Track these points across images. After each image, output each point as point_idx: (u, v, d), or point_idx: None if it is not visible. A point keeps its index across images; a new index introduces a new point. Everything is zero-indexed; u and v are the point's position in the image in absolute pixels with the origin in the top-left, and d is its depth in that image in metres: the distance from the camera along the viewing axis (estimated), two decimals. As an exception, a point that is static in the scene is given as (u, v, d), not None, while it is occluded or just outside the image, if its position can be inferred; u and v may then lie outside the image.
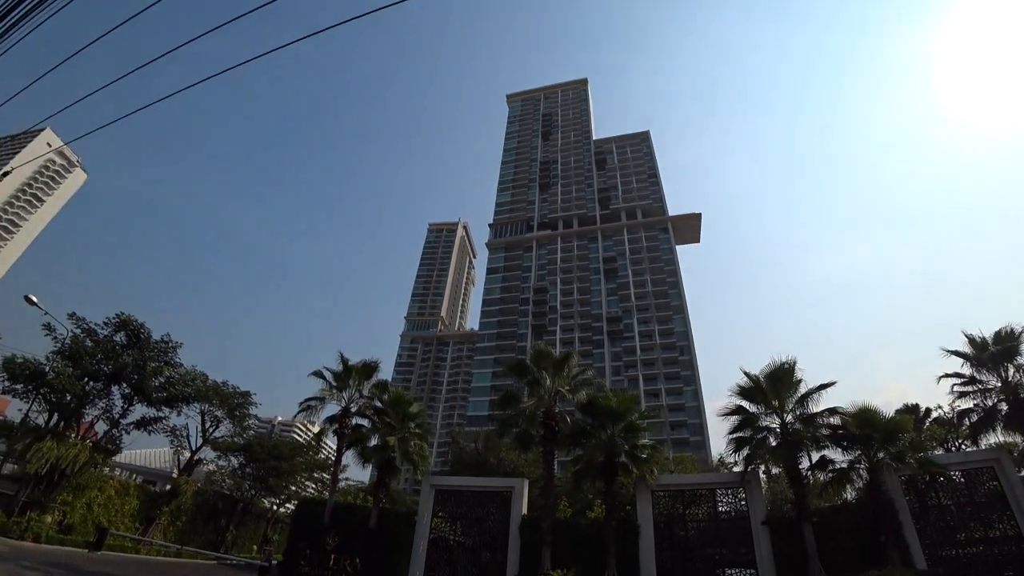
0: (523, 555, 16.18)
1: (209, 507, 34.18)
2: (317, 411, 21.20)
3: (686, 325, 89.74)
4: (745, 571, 15.20)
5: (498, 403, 19.32)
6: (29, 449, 23.05)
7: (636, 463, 16.17)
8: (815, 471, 15.97)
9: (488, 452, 37.90)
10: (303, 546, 18.33)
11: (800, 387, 15.98)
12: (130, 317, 27.45)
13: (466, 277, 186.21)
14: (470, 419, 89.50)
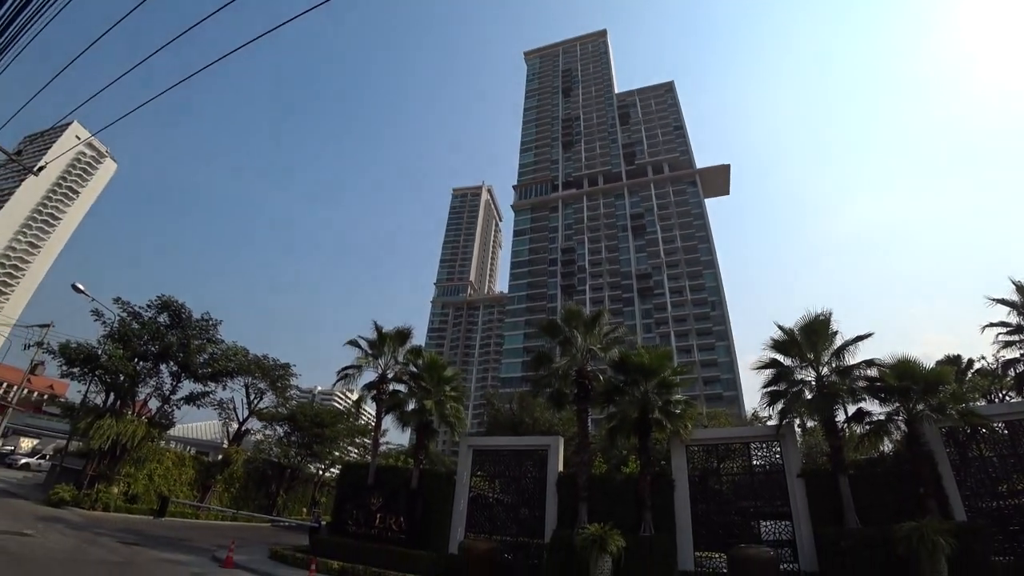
0: (560, 510, 16.54)
1: (259, 474, 36.02)
2: (355, 379, 21.67)
3: (717, 280, 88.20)
4: (780, 523, 15.21)
5: (531, 364, 19.43)
6: (91, 427, 24.54)
7: (670, 419, 16.17)
8: (851, 424, 15.63)
9: (523, 412, 38.60)
10: (349, 507, 19.10)
11: (836, 339, 15.53)
12: (171, 298, 28.49)
13: (493, 240, 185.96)
14: (504, 381, 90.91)
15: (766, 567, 12.70)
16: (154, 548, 16.27)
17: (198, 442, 44.63)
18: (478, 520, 18.05)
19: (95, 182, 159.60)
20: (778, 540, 14.88)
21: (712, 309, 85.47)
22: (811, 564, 13.92)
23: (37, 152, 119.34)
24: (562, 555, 14.36)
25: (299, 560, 16.07)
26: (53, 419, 53.72)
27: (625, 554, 13.38)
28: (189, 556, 15.90)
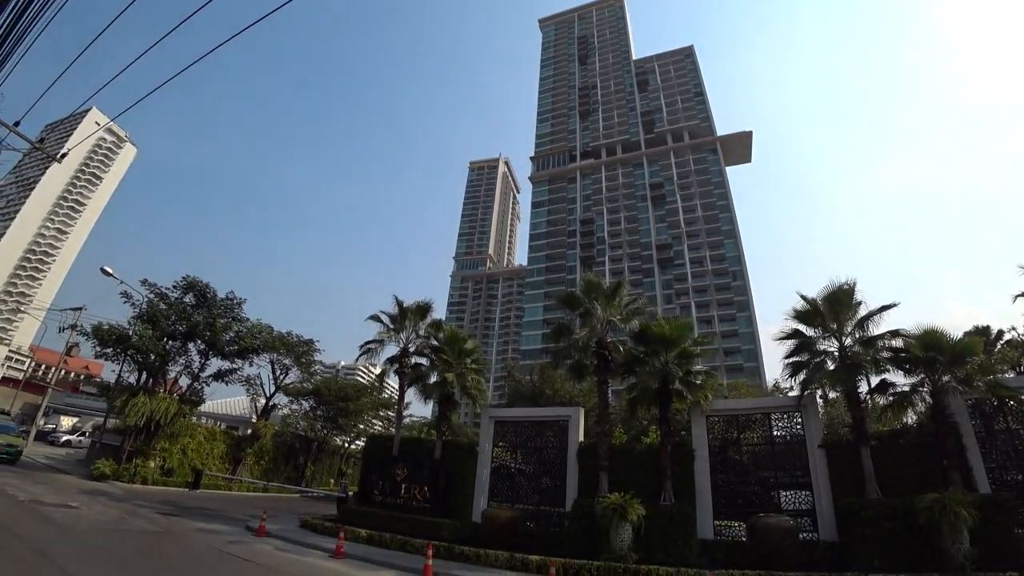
0: (581, 480, 16.73)
1: (287, 447, 37.07)
2: (377, 353, 21.96)
3: (738, 249, 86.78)
4: (800, 493, 15.19)
5: (551, 336, 19.41)
6: (126, 405, 25.39)
7: (690, 389, 16.14)
8: (874, 395, 15.36)
9: (543, 384, 38.92)
10: (375, 478, 19.59)
11: (860, 309, 15.15)
12: (196, 279, 29.04)
13: (511, 213, 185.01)
14: (524, 353, 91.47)
15: (785, 535, 12.76)
16: (191, 519, 16.95)
17: (228, 417, 46.03)
18: (500, 490, 18.40)
19: (117, 167, 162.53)
20: (798, 510, 14.89)
21: (733, 279, 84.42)
22: (831, 533, 13.95)
23: (59, 140, 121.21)
24: (583, 523, 14.58)
25: (328, 528, 16.58)
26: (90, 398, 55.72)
27: (645, 522, 13.52)
28: (224, 526, 16.53)
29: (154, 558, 10.54)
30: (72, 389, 68.10)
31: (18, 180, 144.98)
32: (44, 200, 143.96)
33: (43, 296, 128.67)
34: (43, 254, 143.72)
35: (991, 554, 11.27)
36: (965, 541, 11.12)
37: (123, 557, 10.20)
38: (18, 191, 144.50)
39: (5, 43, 9.97)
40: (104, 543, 11.15)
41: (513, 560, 13.07)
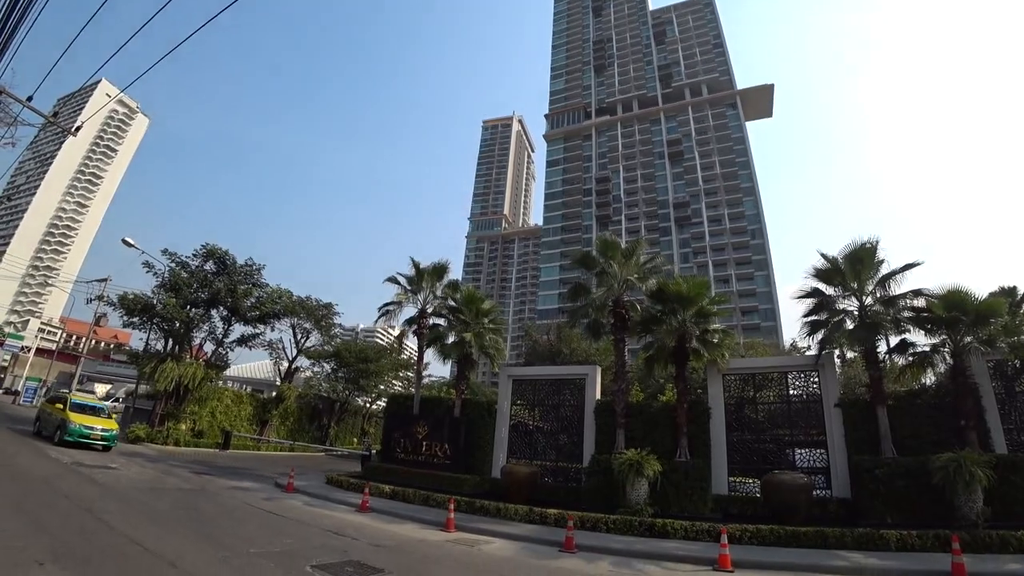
0: (598, 437, 16.99)
1: (311, 408, 38.22)
2: (395, 315, 22.21)
3: (757, 207, 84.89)
4: (815, 451, 15.28)
5: (568, 295, 19.40)
6: (155, 371, 26.30)
7: (707, 348, 16.14)
8: (893, 355, 15.19)
9: (560, 343, 39.26)
10: (397, 436, 20.14)
11: (882, 268, 14.80)
12: (215, 246, 29.44)
13: (526, 172, 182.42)
14: (541, 313, 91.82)
15: (799, 492, 12.90)
16: (222, 477, 17.69)
17: (253, 381, 47.39)
18: (519, 447, 18.82)
19: (130, 138, 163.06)
20: (812, 467, 15.00)
21: (752, 238, 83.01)
22: (844, 491, 14.09)
23: (71, 113, 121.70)
24: (600, 478, 14.91)
25: (353, 485, 17.18)
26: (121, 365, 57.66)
27: (661, 478, 13.79)
28: (254, 483, 17.23)
29: (190, 513, 11.08)
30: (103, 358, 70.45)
31: (36, 156, 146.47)
32: (62, 175, 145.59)
33: (69, 269, 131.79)
34: (66, 228, 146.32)
35: (1005, 513, 11.36)
36: (979, 500, 11.19)
37: (162, 513, 10.74)
38: (37, 167, 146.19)
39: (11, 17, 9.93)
40: (143, 500, 11.74)
41: (532, 514, 13.46)
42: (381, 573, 7.91)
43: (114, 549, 7.49)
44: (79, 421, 19.21)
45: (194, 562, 7.32)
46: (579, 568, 9.29)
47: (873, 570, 9.20)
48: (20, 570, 5.93)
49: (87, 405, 21.12)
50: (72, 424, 18.94)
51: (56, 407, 20.70)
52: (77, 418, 19.31)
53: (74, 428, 18.91)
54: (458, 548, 10.47)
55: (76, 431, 18.91)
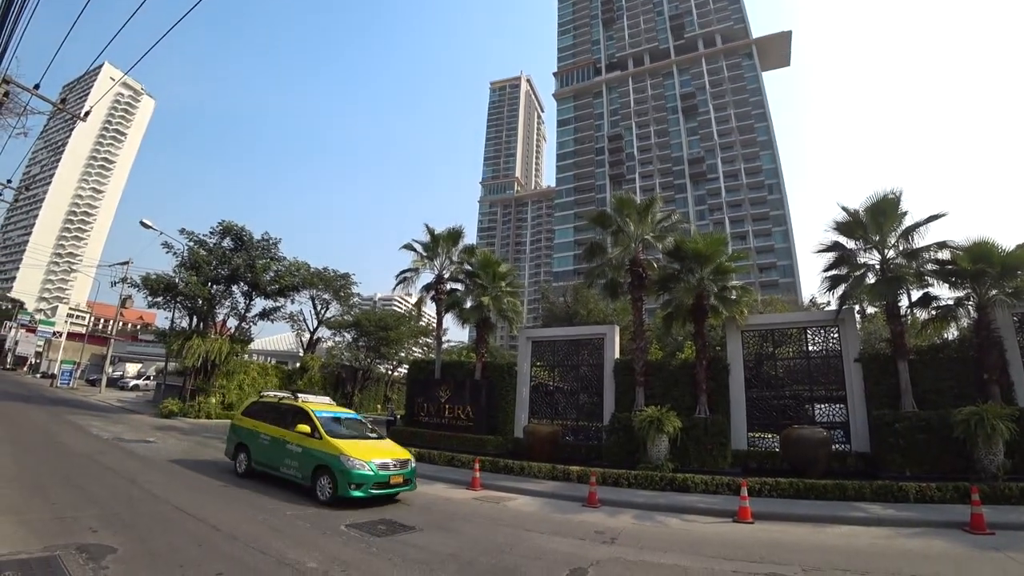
0: (617, 395, 17.22)
1: (334, 377, 39.14)
2: (412, 282, 22.36)
3: (775, 161, 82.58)
4: (834, 406, 15.29)
5: (584, 255, 19.27)
6: (182, 348, 27.08)
7: (725, 304, 16.10)
8: (915, 309, 14.91)
9: (577, 304, 39.35)
10: (420, 400, 20.58)
11: (905, 220, 14.41)
12: (231, 223, 29.69)
13: (536, 133, 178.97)
14: (556, 275, 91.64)
15: (818, 446, 12.98)
16: (254, 445, 18.33)
17: (277, 353, 48.50)
18: (540, 407, 19.15)
19: (138, 121, 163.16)
20: (831, 422, 15.07)
21: (769, 193, 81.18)
22: (863, 445, 14.16)
23: (78, 99, 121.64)
24: (621, 436, 15.17)
25: (380, 449, 17.70)
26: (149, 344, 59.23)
27: (681, 434, 13.98)
28: (285, 450, 17.84)
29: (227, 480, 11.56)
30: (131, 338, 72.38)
31: (47, 145, 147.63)
32: (75, 161, 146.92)
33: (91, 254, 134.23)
34: (84, 214, 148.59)
35: (1025, 467, 11.36)
36: (999, 453, 11.21)
37: (201, 480, 11.23)
38: (49, 155, 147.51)
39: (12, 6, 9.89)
40: (183, 470, 12.28)
41: (555, 471, 13.81)
42: (412, 530, 8.25)
43: (159, 515, 7.91)
44: (358, 455, 10.09)
45: (234, 524, 7.71)
46: (602, 521, 9.57)
47: (892, 521, 9.31)
48: (76, 537, 6.33)
49: (339, 417, 12.05)
50: (353, 464, 9.83)
51: (292, 431, 10.98)
52: (352, 449, 10.24)
53: (362, 473, 9.81)
54: (485, 505, 10.83)
55: (368, 477, 9.84)
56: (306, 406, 11.64)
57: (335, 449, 10.12)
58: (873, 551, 7.59)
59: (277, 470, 11.03)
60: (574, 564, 6.75)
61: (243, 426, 12.42)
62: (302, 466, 10.49)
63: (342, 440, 10.55)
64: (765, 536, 8.57)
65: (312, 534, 7.58)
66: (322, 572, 5.91)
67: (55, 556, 5.57)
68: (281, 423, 11.41)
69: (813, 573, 6.53)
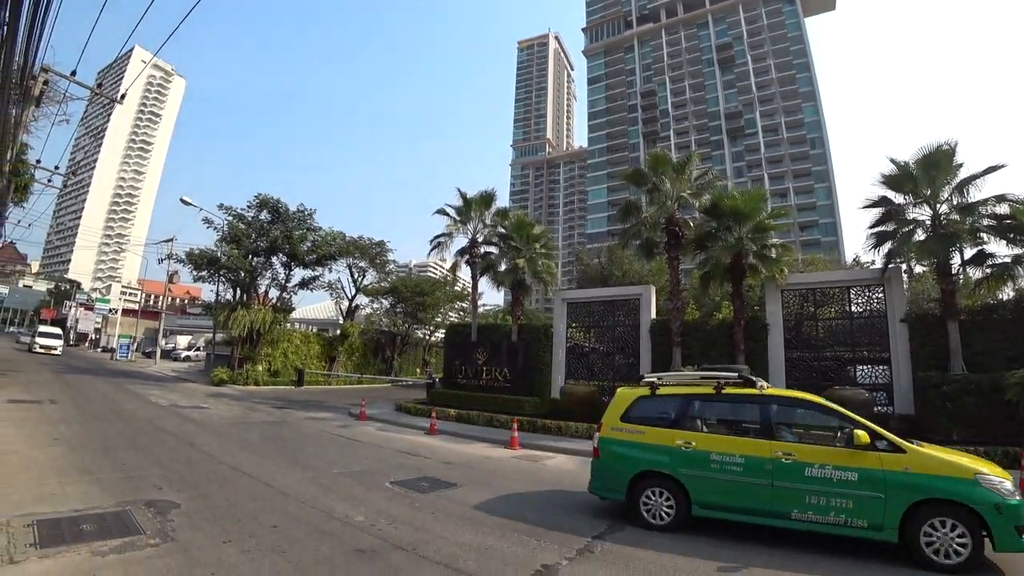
0: (654, 356, 17.13)
1: (374, 343, 40.18)
2: (447, 247, 22.65)
3: (818, 114, 78.44)
4: (876, 368, 14.80)
5: (618, 215, 18.97)
6: (228, 319, 28.14)
7: (765, 263, 15.61)
8: (968, 267, 14.09)
9: (612, 266, 39.04)
10: (457, 363, 20.99)
11: (960, 173, 13.51)
12: (267, 196, 30.34)
13: (567, 93, 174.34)
14: (590, 237, 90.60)
15: (860, 407, 12.41)
16: (300, 410, 19.13)
17: (318, 321, 49.93)
18: (575, 368, 19.24)
19: (171, 101, 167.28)
20: (873, 384, 14.64)
21: (812, 147, 77.53)
22: (907, 407, 13.74)
23: (113, 83, 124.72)
24: (658, 396, 15.14)
25: (420, 410, 18.26)
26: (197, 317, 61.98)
27: (718, 394, 13.83)
28: (330, 414, 18.56)
29: (277, 442, 12.14)
30: (180, 312, 75.77)
31: (88, 131, 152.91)
32: (116, 146, 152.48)
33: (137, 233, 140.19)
34: (128, 196, 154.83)
35: (1083, 432, 10.84)
36: None
37: (252, 442, 11.83)
38: (91, 142, 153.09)
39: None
40: (235, 433, 12.95)
41: (592, 430, 13.88)
42: (454, 487, 8.52)
43: (217, 474, 8.39)
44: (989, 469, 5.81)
45: (286, 482, 8.11)
46: (640, 478, 9.65)
47: None
48: (143, 494, 6.81)
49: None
50: (1005, 490, 5.41)
51: (817, 447, 6.41)
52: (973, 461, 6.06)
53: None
54: (523, 463, 11.07)
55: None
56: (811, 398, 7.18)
57: (954, 468, 5.61)
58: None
59: (784, 516, 6.02)
60: (612, 520, 6.87)
61: (645, 442, 7.02)
62: (867, 508, 5.67)
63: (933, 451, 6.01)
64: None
65: (359, 490, 7.90)
66: (369, 525, 6.17)
67: (126, 510, 6.02)
68: (764, 433, 6.48)
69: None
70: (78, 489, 6.78)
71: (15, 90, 11.98)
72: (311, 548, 5.26)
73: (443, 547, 5.51)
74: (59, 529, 5.25)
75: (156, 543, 5.09)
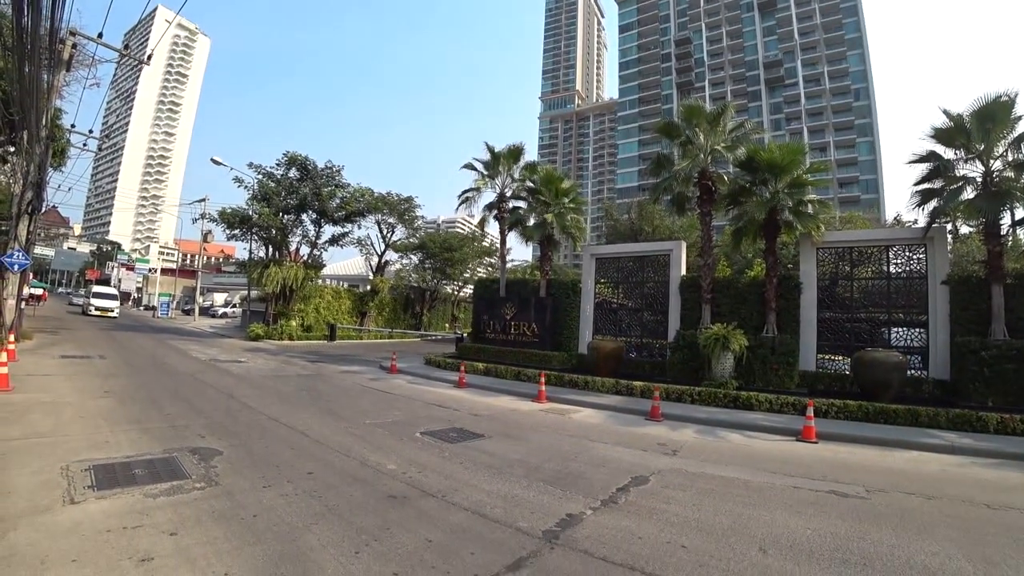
0: (683, 313, 16.98)
1: (404, 298, 40.97)
2: (475, 201, 22.48)
3: (865, 63, 73.96)
4: (912, 331, 14.37)
5: (650, 169, 18.43)
6: (262, 276, 28.84)
7: (800, 219, 15.02)
8: (1019, 228, 13.44)
9: (642, 221, 38.42)
10: (486, 318, 21.17)
11: (1018, 127, 12.61)
12: (296, 154, 30.44)
13: (597, 42, 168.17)
14: (620, 191, 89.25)
15: (892, 370, 12.29)
16: (333, 363, 19.71)
17: (348, 277, 50.89)
18: (603, 324, 19.26)
19: (197, 61, 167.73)
20: (908, 347, 14.24)
21: (856, 99, 73.54)
22: (942, 372, 13.40)
23: (139, 45, 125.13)
24: (685, 353, 15.09)
25: (449, 364, 18.62)
26: (232, 276, 63.81)
27: (747, 352, 13.71)
28: (362, 367, 19.08)
29: (312, 394, 12.58)
30: (216, 271, 77.96)
31: (119, 94, 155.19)
32: (146, 108, 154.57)
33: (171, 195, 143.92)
34: (160, 157, 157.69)
35: None
36: None
37: (288, 394, 12.29)
38: (122, 105, 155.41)
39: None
40: (272, 386, 13.46)
41: (619, 386, 14.03)
42: (482, 438, 8.74)
43: (256, 424, 8.78)
44: None
45: (321, 432, 8.44)
46: (664, 434, 9.75)
47: (967, 450, 8.87)
48: (188, 442, 7.21)
49: None
50: None
51: None
52: None
53: None
54: (550, 416, 11.26)
55: None
56: None
57: None
58: (944, 477, 7.35)
59: None
60: (636, 472, 6.96)
61: None
62: None
63: None
64: (829, 455, 8.46)
65: (390, 440, 8.18)
66: (400, 472, 6.40)
67: (173, 457, 6.41)
68: None
69: (877, 494, 6.38)
70: (128, 437, 7.20)
71: (45, 55, 12.13)
72: (345, 493, 5.51)
73: (471, 495, 5.70)
74: (113, 473, 5.61)
75: (202, 487, 5.42)
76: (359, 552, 4.12)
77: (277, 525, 4.56)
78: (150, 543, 4.02)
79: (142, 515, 4.56)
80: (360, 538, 4.39)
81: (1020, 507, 6.11)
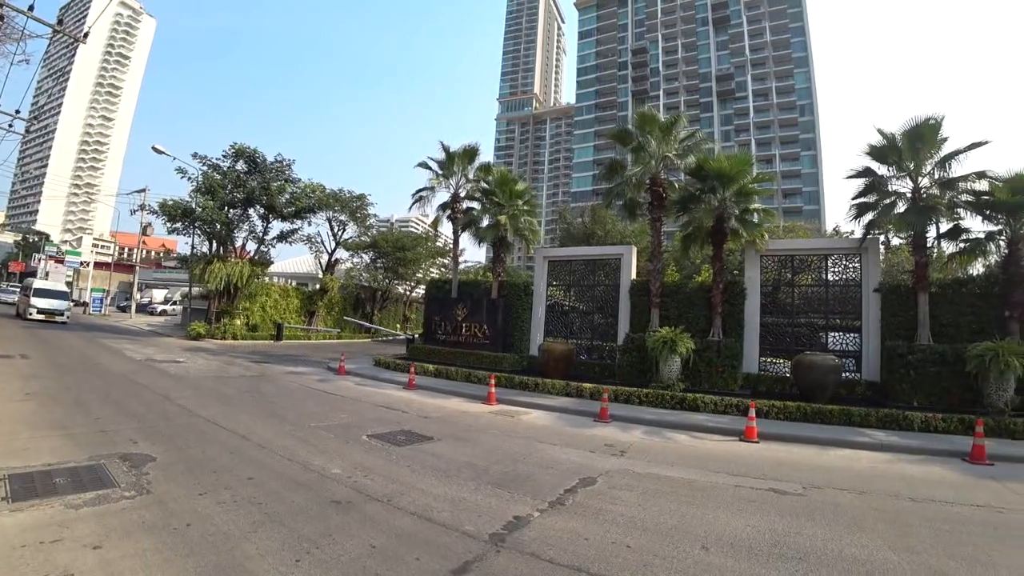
0: (632, 317, 17.28)
1: (354, 297, 40.15)
2: (428, 201, 22.21)
3: (810, 80, 77.86)
4: (848, 335, 15.27)
5: (603, 174, 18.72)
6: (204, 272, 27.54)
7: (746, 227, 15.63)
8: (943, 241, 14.33)
9: (595, 225, 39.12)
10: (437, 319, 20.95)
11: (944, 147, 13.56)
12: (244, 146, 29.20)
13: (556, 46, 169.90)
14: (574, 195, 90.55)
15: (828, 372, 13.00)
16: (279, 364, 19.05)
17: (297, 275, 49.47)
18: (555, 326, 19.37)
19: (140, 42, 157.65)
20: (844, 351, 15.10)
21: (801, 114, 77.18)
22: (873, 374, 14.27)
23: (76, 20, 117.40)
24: (634, 355, 15.35)
25: (399, 366, 18.28)
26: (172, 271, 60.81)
27: (693, 355, 14.08)
28: (309, 368, 18.53)
29: (255, 396, 12.09)
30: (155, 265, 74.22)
31: (51, 73, 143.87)
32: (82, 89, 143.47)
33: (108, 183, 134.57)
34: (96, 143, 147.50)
35: (1034, 405, 11.35)
36: (1010, 389, 11.17)
37: (230, 396, 11.77)
38: (54, 84, 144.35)
39: None
40: (212, 387, 12.85)
41: (568, 388, 14.16)
42: (431, 440, 8.62)
43: (194, 427, 8.36)
44: None
45: (264, 435, 8.12)
46: (613, 435, 9.89)
47: (894, 447, 9.47)
48: (117, 447, 6.75)
49: None
50: None
51: None
52: None
53: None
54: (500, 418, 11.23)
55: None
56: None
57: None
58: (873, 473, 7.78)
59: None
60: (584, 474, 7.02)
61: None
62: None
63: None
64: (769, 455, 8.80)
65: (336, 443, 7.95)
66: (345, 477, 6.22)
67: (100, 464, 5.97)
68: None
69: (813, 491, 6.70)
70: (50, 443, 6.69)
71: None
72: (287, 499, 5.30)
73: (418, 498, 5.59)
74: (31, 483, 5.20)
75: (131, 495, 5.08)
76: (300, 560, 3.97)
77: (213, 535, 4.32)
78: (70, 558, 3.73)
79: (62, 528, 4.23)
80: (301, 546, 4.22)
81: (940, 500, 6.57)
